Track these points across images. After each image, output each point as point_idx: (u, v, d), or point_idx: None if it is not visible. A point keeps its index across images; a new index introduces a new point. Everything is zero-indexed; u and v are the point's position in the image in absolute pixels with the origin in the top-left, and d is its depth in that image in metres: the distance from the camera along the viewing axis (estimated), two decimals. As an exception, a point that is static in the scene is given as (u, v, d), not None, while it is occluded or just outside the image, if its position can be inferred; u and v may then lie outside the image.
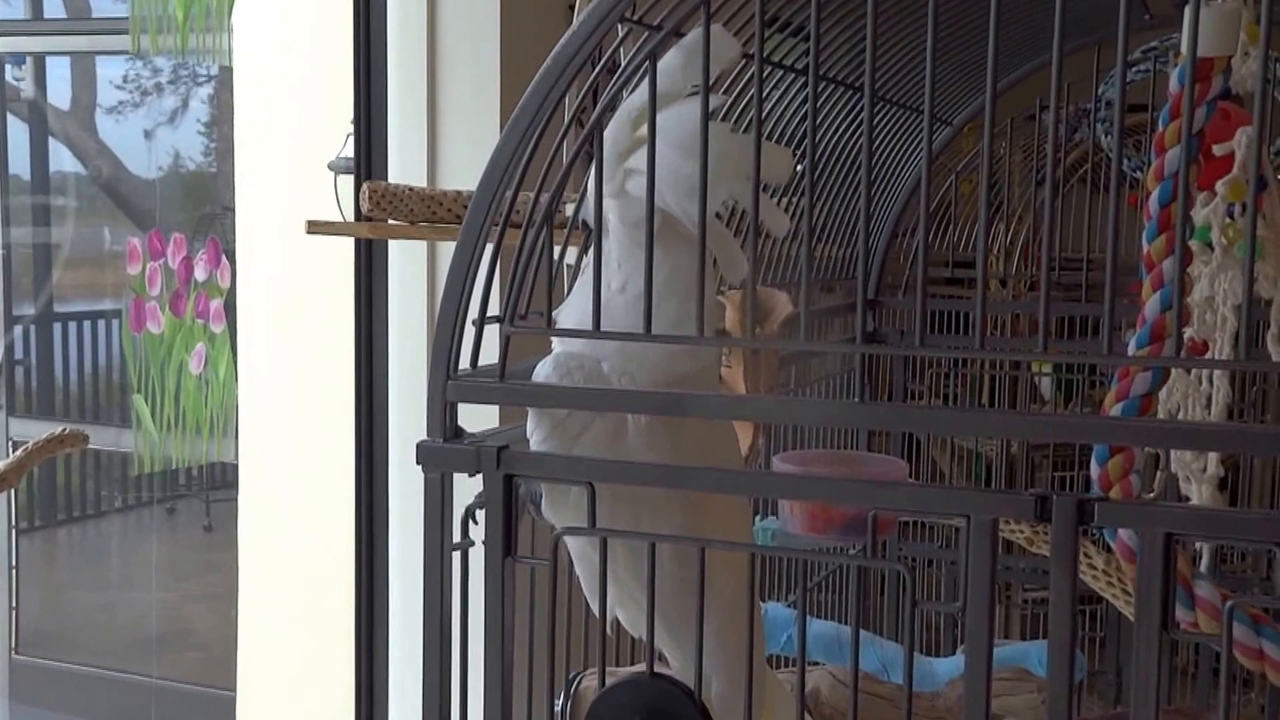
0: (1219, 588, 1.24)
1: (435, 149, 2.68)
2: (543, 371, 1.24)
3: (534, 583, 1.37)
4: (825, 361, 2.06)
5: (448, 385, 1.21)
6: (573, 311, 1.26)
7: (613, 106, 1.23)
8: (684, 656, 1.31)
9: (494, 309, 1.21)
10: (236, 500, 3.83)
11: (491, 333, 1.21)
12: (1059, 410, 2.91)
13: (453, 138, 2.70)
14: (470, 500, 1.26)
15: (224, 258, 2.37)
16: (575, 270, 1.39)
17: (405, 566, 2.85)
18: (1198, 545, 1.47)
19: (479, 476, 1.22)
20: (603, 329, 1.17)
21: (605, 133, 1.18)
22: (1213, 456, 1.47)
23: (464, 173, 2.65)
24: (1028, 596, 3.13)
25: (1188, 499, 1.46)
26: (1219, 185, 1.40)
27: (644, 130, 1.16)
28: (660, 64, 1.16)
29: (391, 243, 2.70)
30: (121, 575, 4.81)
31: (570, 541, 1.27)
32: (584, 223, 1.34)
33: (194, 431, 2.31)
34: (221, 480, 4.18)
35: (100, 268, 4.86)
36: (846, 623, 2.00)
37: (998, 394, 2.84)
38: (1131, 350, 1.28)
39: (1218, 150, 1.39)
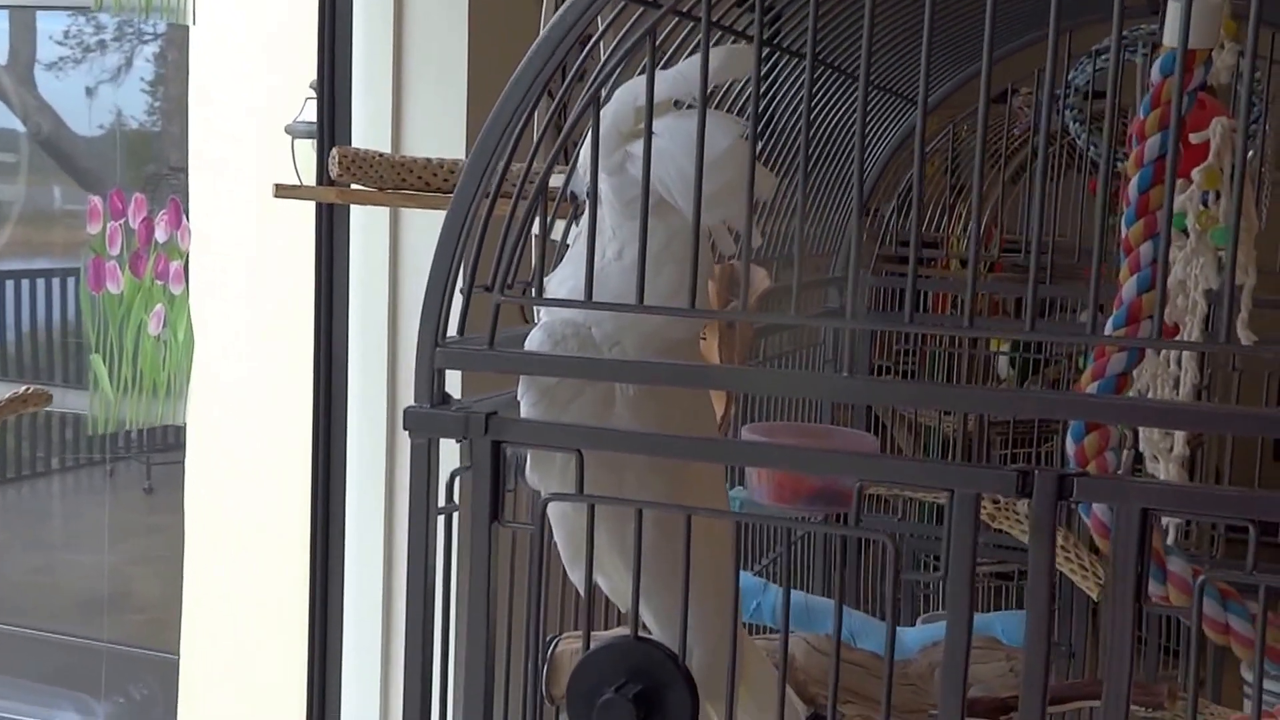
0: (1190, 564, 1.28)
1: (400, 114, 2.68)
2: (536, 338, 1.26)
3: (514, 548, 1.38)
4: (782, 338, 2.08)
5: (436, 352, 1.21)
6: (564, 280, 1.27)
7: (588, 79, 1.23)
8: (661, 624, 1.33)
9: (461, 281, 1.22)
10: (178, 463, 3.80)
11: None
12: (1014, 388, 2.97)
13: (417, 103, 2.69)
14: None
15: (184, 219, 2.36)
16: (561, 241, 1.40)
17: (361, 530, 2.85)
18: (1164, 522, 1.50)
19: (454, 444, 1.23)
20: (597, 296, 1.18)
21: (606, 108, 1.19)
22: (1179, 436, 1.51)
23: (428, 139, 2.64)
24: (981, 570, 3.17)
25: (1154, 477, 1.49)
26: (1194, 173, 1.43)
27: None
28: (681, 66, 1.18)
29: (353, 208, 2.70)
30: (60, 537, 4.77)
31: (550, 508, 1.28)
32: (572, 194, 1.36)
33: (150, 393, 2.29)
34: (162, 442, 4.15)
35: (39, 226, 4.79)
36: (811, 591, 2.04)
37: (954, 371, 2.89)
38: (1109, 331, 1.31)
39: (1194, 139, 1.42)
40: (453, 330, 1.23)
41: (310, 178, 2.67)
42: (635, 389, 1.26)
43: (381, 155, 1.94)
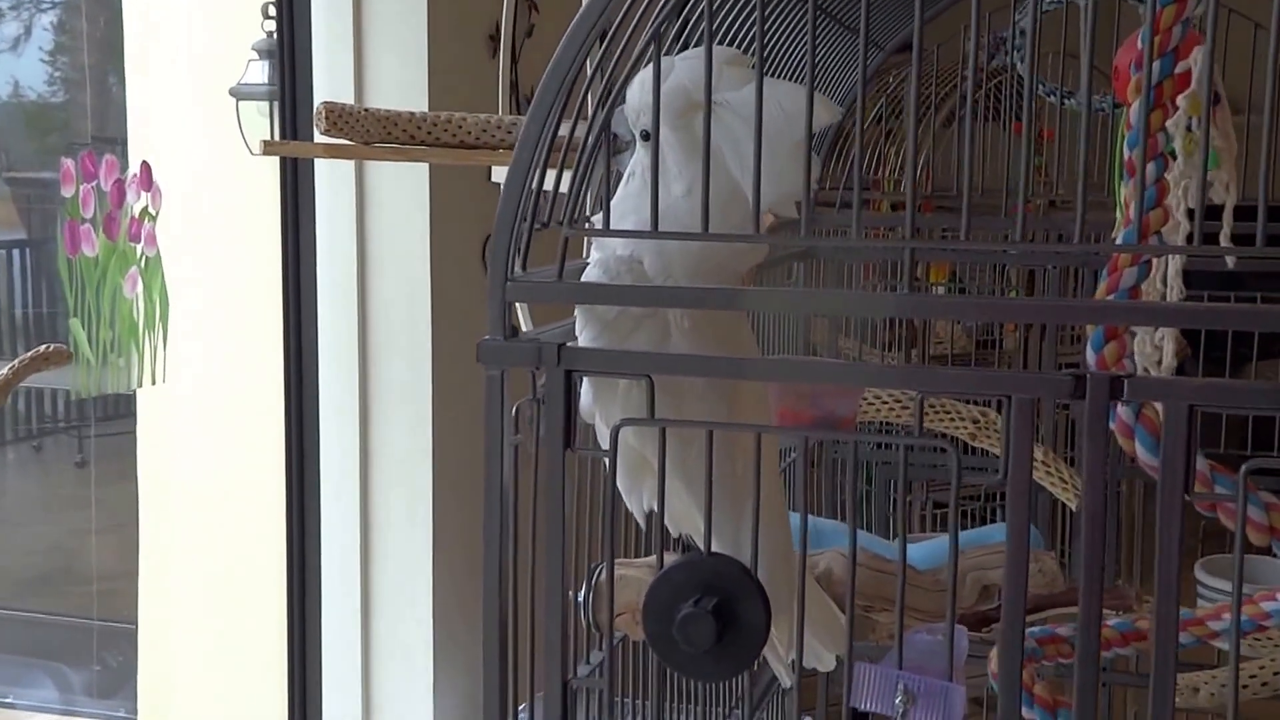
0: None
1: (362, 72, 2.69)
2: (592, 273, 1.31)
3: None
4: (775, 273, 2.15)
5: (507, 285, 1.26)
6: (622, 216, 1.31)
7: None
8: (721, 546, 1.38)
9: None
10: (113, 434, 3.77)
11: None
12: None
13: (379, 61, 2.70)
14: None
15: (155, 183, 2.37)
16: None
17: (337, 489, 2.87)
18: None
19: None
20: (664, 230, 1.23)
21: (680, 61, 1.24)
22: (1168, 349, 1.60)
23: (390, 96, 2.66)
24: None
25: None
26: (1180, 100, 1.51)
27: (721, 95, 1.23)
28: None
29: (318, 166, 2.71)
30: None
31: (606, 438, 1.33)
32: (614, 134, 1.40)
33: (128, 357, 2.30)
34: (90, 414, 4.09)
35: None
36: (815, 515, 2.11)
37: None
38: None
39: (1179, 68, 1.50)
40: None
41: (254, 139, 2.67)
42: (690, 322, 1.31)
43: (366, 110, 1.97)
